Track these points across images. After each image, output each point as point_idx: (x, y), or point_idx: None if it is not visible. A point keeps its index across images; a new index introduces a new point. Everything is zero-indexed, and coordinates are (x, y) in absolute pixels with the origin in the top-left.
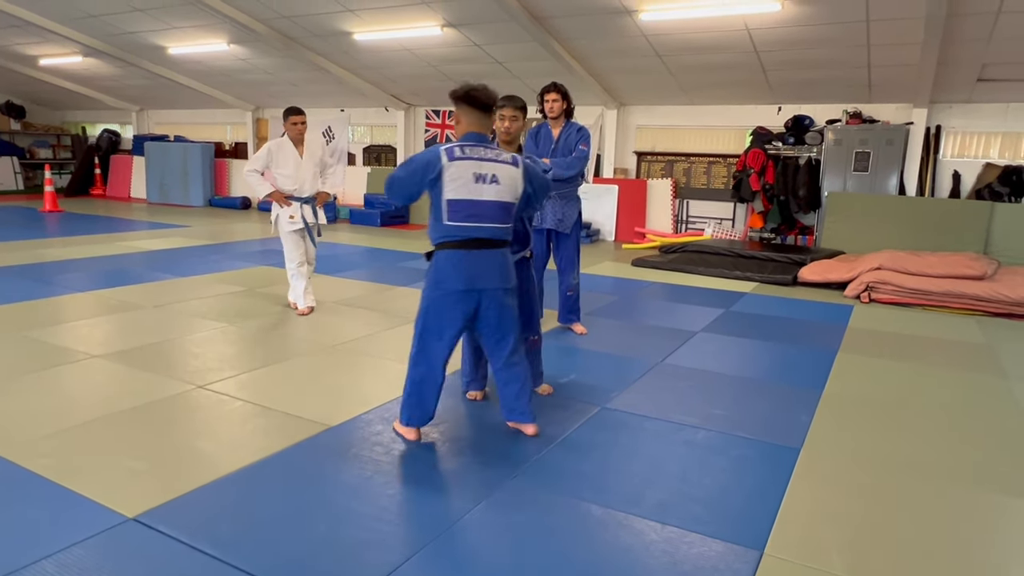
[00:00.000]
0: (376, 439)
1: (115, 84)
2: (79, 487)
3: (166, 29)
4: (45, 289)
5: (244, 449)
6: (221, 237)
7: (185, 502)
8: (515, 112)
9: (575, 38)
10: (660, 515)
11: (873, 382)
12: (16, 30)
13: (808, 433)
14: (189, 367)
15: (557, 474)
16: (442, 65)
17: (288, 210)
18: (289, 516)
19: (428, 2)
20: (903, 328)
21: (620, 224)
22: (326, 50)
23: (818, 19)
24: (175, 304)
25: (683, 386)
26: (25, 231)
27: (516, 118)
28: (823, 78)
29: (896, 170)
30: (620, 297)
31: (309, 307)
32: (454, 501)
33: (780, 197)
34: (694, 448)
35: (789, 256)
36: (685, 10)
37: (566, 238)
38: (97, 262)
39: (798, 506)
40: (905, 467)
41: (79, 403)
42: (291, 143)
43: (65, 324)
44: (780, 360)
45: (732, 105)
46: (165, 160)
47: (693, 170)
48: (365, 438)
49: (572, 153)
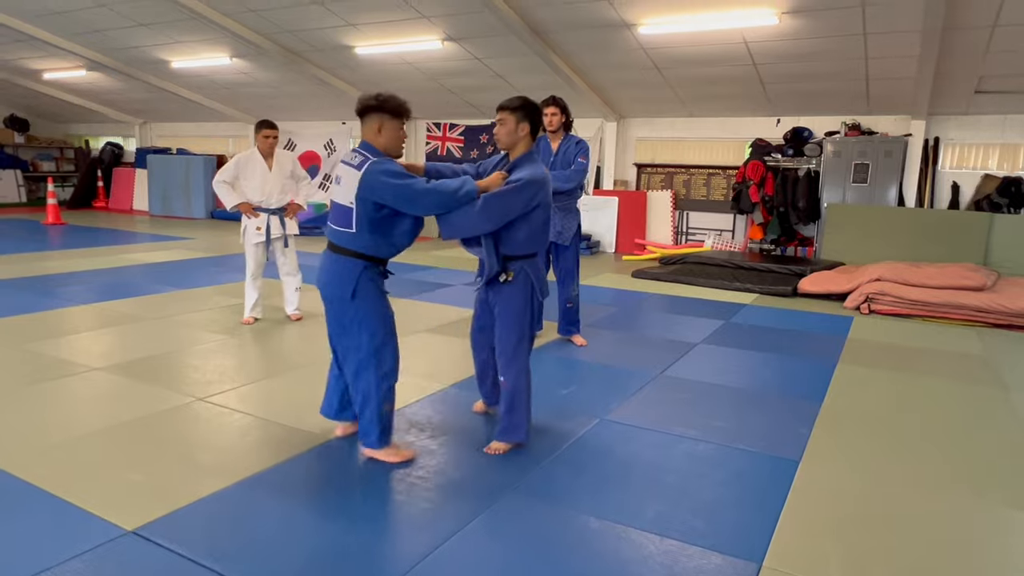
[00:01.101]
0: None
1: (118, 97)
2: (78, 500)
3: (169, 43)
4: (47, 301)
5: (243, 462)
6: (222, 249)
7: (184, 515)
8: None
9: (574, 51)
10: (659, 527)
11: (873, 394)
12: (21, 45)
13: (807, 445)
14: (189, 379)
15: (556, 486)
16: (443, 78)
17: (255, 221)
18: (287, 529)
19: (429, 16)
20: (903, 339)
21: (620, 236)
22: (328, 64)
23: (816, 32)
24: (176, 316)
25: (683, 398)
26: (27, 243)
27: (503, 121)
28: (821, 90)
29: (895, 181)
30: (620, 309)
31: (254, 317)
32: (453, 513)
33: (780, 209)
34: (693, 460)
35: (789, 267)
36: (683, 24)
37: (565, 250)
38: (99, 274)
39: (797, 518)
40: (905, 479)
41: (79, 415)
42: (260, 155)
43: (66, 336)
44: (780, 372)
45: (731, 117)
46: (167, 173)
47: (693, 182)
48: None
49: (571, 166)
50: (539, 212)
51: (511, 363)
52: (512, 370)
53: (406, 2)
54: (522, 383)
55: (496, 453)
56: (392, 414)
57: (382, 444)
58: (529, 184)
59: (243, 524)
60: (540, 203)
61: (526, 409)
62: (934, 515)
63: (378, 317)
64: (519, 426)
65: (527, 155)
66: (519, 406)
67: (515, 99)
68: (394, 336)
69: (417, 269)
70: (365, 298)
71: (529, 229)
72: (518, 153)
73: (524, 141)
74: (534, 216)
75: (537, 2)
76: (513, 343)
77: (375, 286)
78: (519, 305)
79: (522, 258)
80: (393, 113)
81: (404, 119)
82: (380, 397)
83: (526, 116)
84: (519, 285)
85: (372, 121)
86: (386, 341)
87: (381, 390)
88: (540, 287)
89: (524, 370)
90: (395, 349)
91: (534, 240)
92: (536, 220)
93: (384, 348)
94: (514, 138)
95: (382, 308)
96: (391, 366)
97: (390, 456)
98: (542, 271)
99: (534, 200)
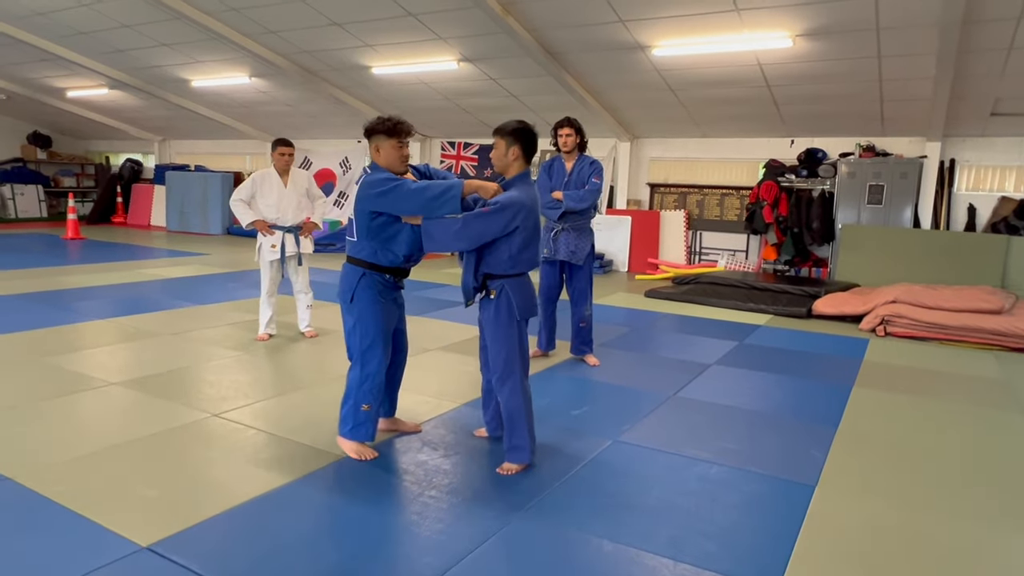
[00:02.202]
0: (388, 469)
1: (139, 115)
2: (94, 515)
3: (190, 63)
4: (65, 315)
5: (257, 478)
6: (238, 265)
7: (198, 531)
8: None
9: (589, 73)
10: (672, 551)
11: (889, 418)
12: (46, 64)
13: (823, 470)
14: (204, 395)
15: (568, 508)
16: (458, 98)
17: (270, 239)
18: (300, 547)
19: (445, 38)
20: (919, 362)
21: (633, 255)
22: (344, 83)
23: (830, 55)
24: (191, 331)
25: (696, 420)
26: (47, 258)
27: (496, 145)
28: (836, 112)
29: (910, 203)
30: (633, 328)
31: (268, 334)
32: (465, 534)
33: (794, 229)
34: (707, 483)
35: (803, 288)
36: (697, 46)
37: (579, 269)
38: (116, 289)
39: (813, 544)
40: (923, 506)
41: (96, 430)
42: (276, 173)
43: (84, 351)
44: (794, 394)
45: (745, 138)
46: (185, 189)
47: (706, 202)
48: (376, 468)
49: (585, 186)
50: (519, 235)
51: (503, 382)
52: (505, 389)
53: (423, 24)
54: (516, 403)
55: (507, 473)
56: (371, 414)
57: (352, 436)
58: (507, 208)
59: (256, 542)
60: (519, 226)
61: (526, 429)
62: (953, 542)
63: (371, 321)
64: (521, 448)
65: (519, 177)
66: (517, 427)
67: (508, 123)
68: (384, 342)
69: (430, 287)
70: (361, 302)
71: (511, 250)
72: (511, 175)
73: (515, 164)
74: (515, 238)
75: (552, 24)
76: (502, 361)
77: (374, 292)
78: (504, 323)
79: (504, 277)
80: (387, 133)
81: (400, 137)
82: (359, 394)
83: (516, 140)
84: (502, 304)
85: (372, 142)
86: (374, 344)
87: (362, 388)
88: (521, 306)
89: (517, 389)
90: (382, 353)
91: (517, 261)
92: (517, 242)
93: (371, 350)
94: (504, 162)
95: (377, 313)
96: (375, 368)
97: (352, 450)
98: (527, 291)
99: (512, 223)
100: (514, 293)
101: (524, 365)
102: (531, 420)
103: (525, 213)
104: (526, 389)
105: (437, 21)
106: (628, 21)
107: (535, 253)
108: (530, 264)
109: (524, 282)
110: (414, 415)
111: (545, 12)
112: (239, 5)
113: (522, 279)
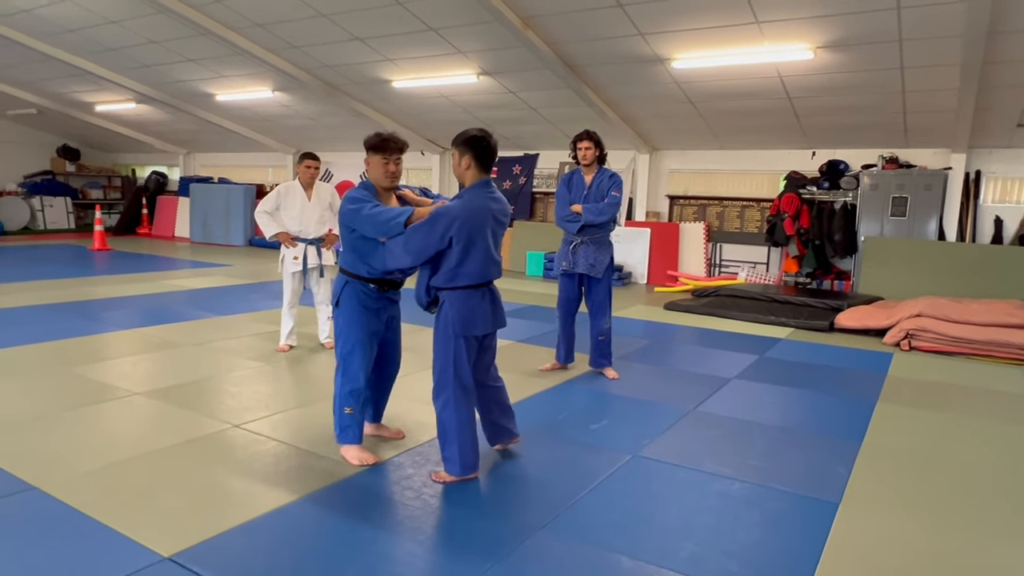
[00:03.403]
0: (407, 483)
1: (165, 128)
2: (117, 524)
3: (215, 77)
4: (91, 326)
5: (277, 490)
6: (260, 276)
7: (219, 542)
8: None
9: (608, 85)
10: (692, 569)
11: (915, 434)
12: (76, 79)
13: (847, 487)
14: (225, 406)
15: (587, 523)
16: (477, 111)
17: (293, 251)
18: (320, 559)
19: (465, 52)
20: (945, 377)
21: (652, 267)
22: (365, 97)
23: (852, 66)
24: (213, 342)
25: (716, 435)
26: (74, 269)
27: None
28: (858, 123)
29: (935, 215)
30: (652, 341)
31: (289, 345)
32: (484, 549)
33: (815, 242)
34: (728, 499)
35: (825, 302)
36: (717, 58)
37: (598, 283)
38: (141, 300)
39: (837, 563)
40: (949, 524)
41: (120, 440)
42: (300, 186)
43: (109, 361)
44: (817, 409)
45: (765, 150)
46: (209, 201)
47: (726, 214)
48: (396, 482)
49: (604, 199)
50: (455, 245)
51: (436, 394)
52: (438, 402)
53: (443, 38)
54: (447, 416)
55: (439, 481)
56: (355, 417)
57: (341, 440)
58: (439, 218)
59: (275, 555)
60: (453, 236)
61: (457, 443)
62: (980, 561)
63: (350, 327)
64: (451, 460)
65: (473, 186)
66: (448, 439)
67: (462, 132)
68: (364, 348)
69: None
70: (344, 309)
71: (449, 263)
72: (468, 184)
73: (469, 174)
74: (452, 250)
75: (571, 37)
76: (436, 373)
77: (356, 301)
78: (441, 337)
79: (447, 290)
80: (374, 149)
81: (386, 153)
82: (340, 399)
83: (468, 149)
84: (442, 317)
85: (366, 157)
86: (354, 350)
87: (343, 393)
88: (457, 321)
89: (450, 404)
90: (363, 359)
91: (456, 274)
92: (455, 253)
93: (351, 356)
94: (459, 172)
95: (358, 320)
96: (355, 373)
97: (351, 457)
98: (469, 306)
99: (447, 233)
100: (452, 307)
101: (459, 381)
102: (465, 436)
103: (460, 223)
104: (460, 405)
105: (457, 35)
106: (647, 34)
107: (479, 266)
108: (472, 277)
109: (468, 296)
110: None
111: (564, 26)
112: (264, 21)
113: (465, 293)
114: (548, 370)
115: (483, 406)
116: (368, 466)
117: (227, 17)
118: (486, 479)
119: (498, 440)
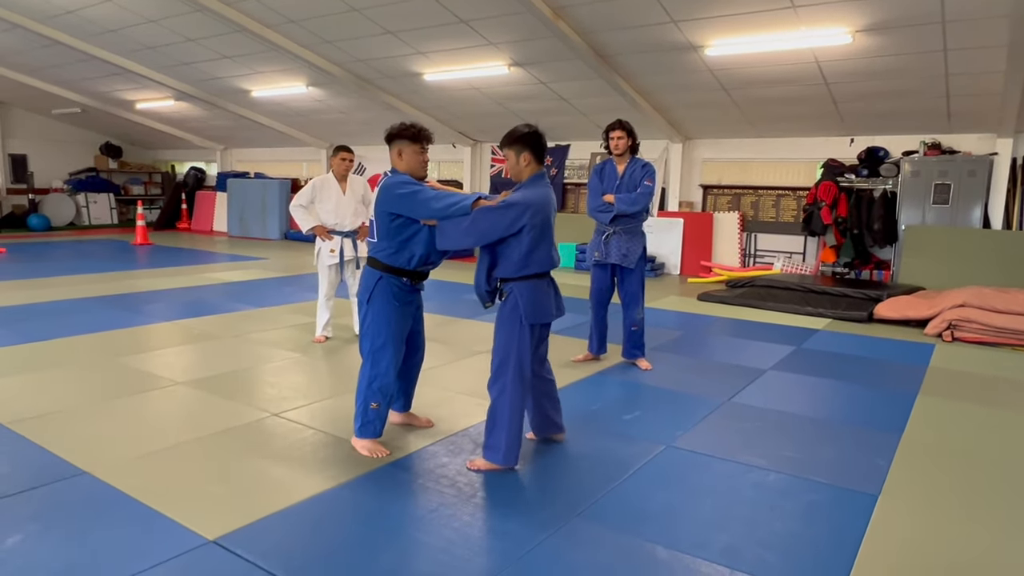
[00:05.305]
0: (441, 471)
1: (202, 125)
2: (164, 508)
3: (250, 74)
4: (135, 318)
5: (316, 477)
6: (295, 269)
7: (260, 527)
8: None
9: (640, 74)
10: (729, 560)
11: (957, 427)
12: (117, 78)
13: (887, 479)
14: (264, 395)
15: (622, 513)
16: (508, 103)
17: (329, 244)
18: (357, 545)
19: (496, 43)
20: (989, 369)
21: (685, 258)
22: (397, 90)
23: (892, 50)
24: (251, 334)
25: (752, 426)
26: (118, 263)
27: (506, 157)
28: (898, 109)
29: (980, 202)
30: (686, 332)
31: (325, 336)
32: (518, 537)
33: (853, 231)
34: (764, 491)
35: (864, 292)
36: (752, 44)
37: (630, 273)
38: (181, 292)
39: (877, 555)
40: (990, 518)
41: (165, 427)
42: (335, 179)
43: (153, 351)
44: (855, 401)
45: (801, 137)
46: (245, 196)
47: (761, 203)
48: (431, 470)
49: (637, 189)
50: (527, 234)
51: (493, 381)
52: (494, 389)
53: (474, 30)
54: (501, 404)
55: (475, 469)
56: (380, 413)
57: (361, 435)
58: (513, 206)
59: (315, 538)
60: (527, 224)
61: (506, 432)
62: (1022, 559)
63: (384, 323)
64: (495, 447)
65: (532, 178)
66: (497, 427)
67: (511, 133)
68: (395, 344)
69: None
70: (377, 303)
71: (520, 251)
72: (525, 179)
73: (527, 169)
74: (523, 238)
75: (603, 27)
76: (497, 362)
77: (391, 295)
78: (506, 324)
79: (515, 280)
80: (411, 139)
81: (422, 143)
82: (368, 393)
83: (525, 146)
84: (509, 306)
85: (394, 147)
86: (386, 345)
87: (371, 388)
88: (528, 310)
89: (505, 391)
90: (392, 355)
91: (527, 262)
92: (526, 242)
93: (382, 351)
94: (518, 169)
95: (391, 316)
96: (384, 369)
97: (363, 448)
98: (538, 295)
99: (519, 220)
100: (522, 296)
101: (520, 371)
102: (515, 426)
103: (532, 211)
104: (514, 394)
105: (488, 27)
106: (680, 21)
107: (546, 255)
108: (541, 266)
109: (536, 286)
110: (465, 418)
111: (595, 15)
112: (297, 17)
113: (533, 283)
114: (581, 361)
115: (535, 399)
116: (379, 459)
117: (262, 14)
118: (522, 465)
119: (545, 432)
